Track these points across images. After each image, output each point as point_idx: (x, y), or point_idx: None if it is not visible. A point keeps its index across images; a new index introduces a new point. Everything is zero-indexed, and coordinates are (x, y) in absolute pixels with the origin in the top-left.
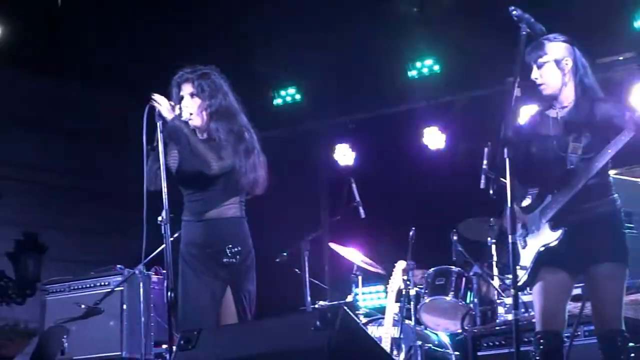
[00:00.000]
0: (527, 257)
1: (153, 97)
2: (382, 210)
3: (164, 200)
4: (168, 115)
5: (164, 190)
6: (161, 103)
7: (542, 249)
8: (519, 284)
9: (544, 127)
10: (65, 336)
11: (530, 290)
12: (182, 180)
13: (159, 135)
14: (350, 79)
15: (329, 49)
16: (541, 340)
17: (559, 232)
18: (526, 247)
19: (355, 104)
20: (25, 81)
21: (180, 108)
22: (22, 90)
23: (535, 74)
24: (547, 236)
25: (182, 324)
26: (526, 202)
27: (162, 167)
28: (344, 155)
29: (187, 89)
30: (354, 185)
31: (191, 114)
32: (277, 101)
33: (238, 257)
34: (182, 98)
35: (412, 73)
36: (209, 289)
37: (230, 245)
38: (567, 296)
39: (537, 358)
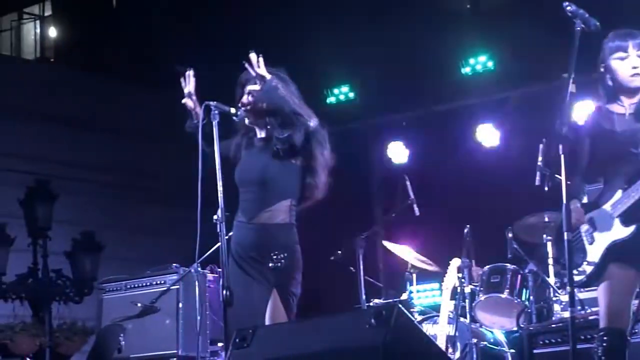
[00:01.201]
0: (594, 253)
1: (250, 56)
2: (436, 208)
3: (219, 198)
4: (267, 74)
5: (220, 188)
6: (258, 64)
7: (612, 244)
8: (586, 279)
9: (607, 123)
10: (122, 334)
11: (596, 286)
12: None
13: (215, 133)
14: (404, 77)
15: (382, 46)
16: (605, 337)
17: (632, 228)
18: (594, 242)
19: (408, 101)
20: (82, 81)
21: (239, 105)
22: (79, 90)
23: (636, 62)
24: (618, 232)
25: (231, 322)
26: (586, 198)
27: (218, 166)
28: (398, 152)
29: (250, 89)
30: (408, 183)
31: (247, 111)
32: (330, 99)
33: (282, 262)
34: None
35: (466, 70)
36: (256, 289)
37: (276, 252)
38: (633, 294)
39: (600, 355)
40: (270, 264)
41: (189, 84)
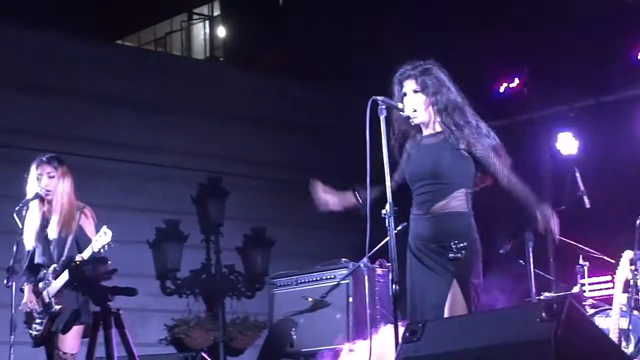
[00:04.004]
0: None
1: None
2: (607, 199)
3: (387, 193)
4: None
5: (387, 183)
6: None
7: None
8: None
9: None
10: (293, 329)
11: None
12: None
13: (382, 129)
14: (572, 66)
15: (550, 36)
16: None
17: None
18: None
19: (577, 91)
20: (251, 79)
21: (403, 104)
22: (248, 89)
23: None
24: None
25: (410, 315)
26: None
27: (386, 162)
28: (567, 144)
29: (409, 86)
30: (577, 175)
31: (415, 110)
32: (499, 92)
33: (463, 252)
34: (404, 95)
35: (638, 57)
36: (436, 281)
37: (456, 241)
38: None
39: None
40: (451, 255)
41: (347, 200)
